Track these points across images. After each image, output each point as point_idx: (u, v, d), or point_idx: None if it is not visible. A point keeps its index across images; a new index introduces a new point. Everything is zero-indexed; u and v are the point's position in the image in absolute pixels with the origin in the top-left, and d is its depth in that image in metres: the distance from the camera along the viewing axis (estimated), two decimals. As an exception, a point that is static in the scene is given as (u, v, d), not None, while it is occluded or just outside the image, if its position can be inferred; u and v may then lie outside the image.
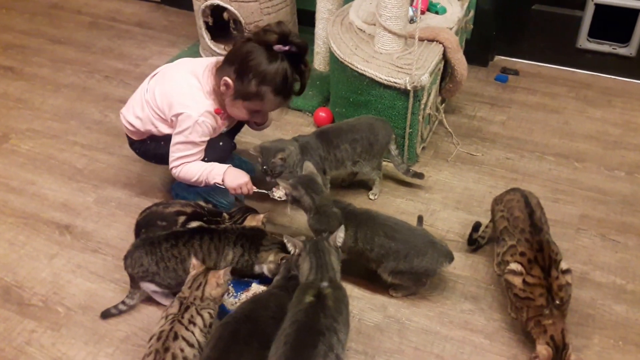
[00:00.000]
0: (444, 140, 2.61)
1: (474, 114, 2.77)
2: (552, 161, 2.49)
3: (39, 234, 2.17)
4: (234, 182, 2.00)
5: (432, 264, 1.87)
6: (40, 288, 1.98)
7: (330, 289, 1.56)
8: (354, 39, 2.47)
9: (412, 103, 2.28)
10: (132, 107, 2.08)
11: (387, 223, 1.90)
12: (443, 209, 2.27)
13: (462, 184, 2.39)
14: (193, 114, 1.94)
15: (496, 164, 2.48)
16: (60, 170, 2.45)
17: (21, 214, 2.25)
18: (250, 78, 1.91)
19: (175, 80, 2.03)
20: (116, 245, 2.10)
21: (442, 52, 2.44)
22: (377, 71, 2.28)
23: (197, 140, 1.98)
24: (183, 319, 1.64)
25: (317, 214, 1.91)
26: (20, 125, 2.69)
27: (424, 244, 1.87)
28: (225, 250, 1.86)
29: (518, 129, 2.67)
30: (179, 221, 1.96)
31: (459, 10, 2.64)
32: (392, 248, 1.85)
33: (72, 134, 2.64)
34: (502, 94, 2.90)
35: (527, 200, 1.90)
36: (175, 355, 1.56)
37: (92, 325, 1.86)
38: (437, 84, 2.47)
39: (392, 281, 1.91)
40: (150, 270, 1.83)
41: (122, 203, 2.29)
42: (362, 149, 2.20)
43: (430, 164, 2.48)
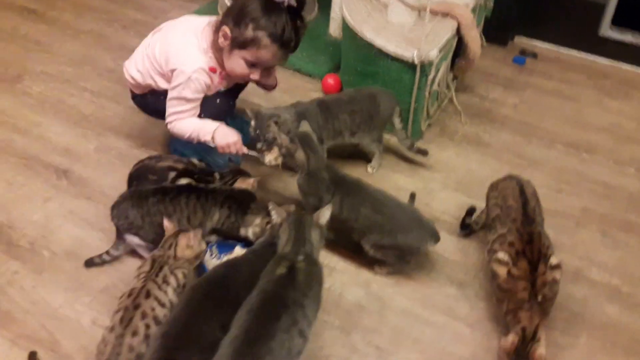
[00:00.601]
0: (452, 119, 2.37)
1: (486, 94, 2.51)
2: (560, 150, 2.24)
3: (38, 176, 2.03)
4: (223, 140, 1.83)
5: (416, 241, 1.69)
6: (30, 230, 1.84)
7: (304, 263, 1.38)
8: (367, 6, 2.23)
9: (418, 78, 2.05)
10: (134, 61, 1.92)
11: (376, 195, 1.72)
12: (442, 189, 2.06)
13: (465, 165, 2.16)
14: (186, 69, 1.78)
15: (503, 148, 2.24)
16: (67, 115, 2.29)
17: (23, 154, 2.11)
18: (247, 23, 1.74)
19: (174, 37, 1.86)
20: (110, 194, 1.91)
21: (456, 28, 2.19)
22: (386, 42, 2.05)
23: (190, 97, 1.81)
24: (157, 277, 1.49)
25: (308, 174, 1.74)
26: (35, 67, 2.52)
27: (410, 221, 1.69)
28: (212, 210, 1.70)
29: (530, 113, 2.42)
30: (169, 176, 1.80)
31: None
32: (377, 221, 1.67)
33: (84, 80, 2.46)
34: (518, 76, 2.63)
35: (523, 189, 1.69)
36: (145, 314, 1.41)
37: (74, 272, 1.72)
38: (448, 61, 2.23)
39: (374, 255, 1.73)
40: (135, 224, 1.68)
41: (121, 153, 2.12)
42: (361, 120, 2.00)
43: (435, 142, 2.26)
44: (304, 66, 2.54)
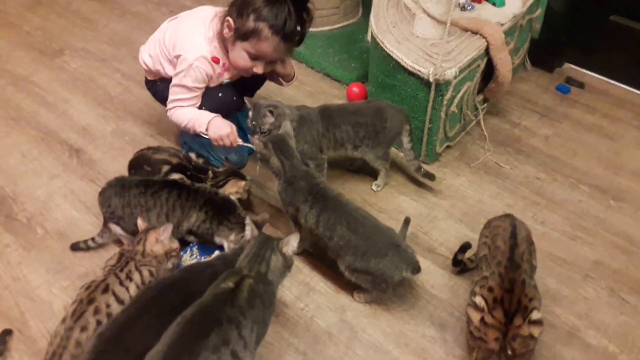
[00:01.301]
0: (475, 143, 2.12)
1: (518, 121, 2.23)
2: (585, 192, 1.95)
3: (51, 152, 2.00)
4: (216, 132, 1.71)
5: (390, 268, 1.49)
6: (30, 205, 1.81)
7: (253, 280, 1.24)
8: (396, 15, 2.02)
9: (433, 96, 1.84)
10: (148, 45, 1.84)
11: (354, 214, 1.53)
12: (445, 218, 1.84)
13: (476, 195, 1.92)
14: (189, 57, 1.67)
15: (522, 182, 1.98)
16: (94, 95, 2.25)
17: (44, 128, 2.09)
18: (249, 13, 1.61)
19: (184, 24, 1.76)
20: None
21: (485, 48, 1.94)
22: (405, 55, 1.84)
23: (190, 85, 1.70)
24: (121, 272, 1.40)
25: (286, 182, 1.58)
26: (77, 43, 2.50)
27: (386, 245, 1.49)
28: (191, 210, 1.59)
29: (561, 148, 2.12)
30: (162, 169, 1.70)
31: (519, 5, 2.08)
32: (351, 241, 1.49)
33: (119, 61, 2.41)
34: (558, 105, 2.32)
35: (515, 232, 1.46)
36: (99, 309, 1.33)
37: (60, 253, 1.67)
38: (474, 82, 1.98)
39: (349, 278, 1.55)
40: (117, 213, 1.60)
41: (135, 139, 2.05)
42: (365, 134, 1.81)
43: (450, 166, 2.03)
44: (334, 71, 2.36)
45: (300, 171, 1.58)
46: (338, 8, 2.48)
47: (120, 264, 1.43)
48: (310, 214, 1.54)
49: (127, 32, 2.59)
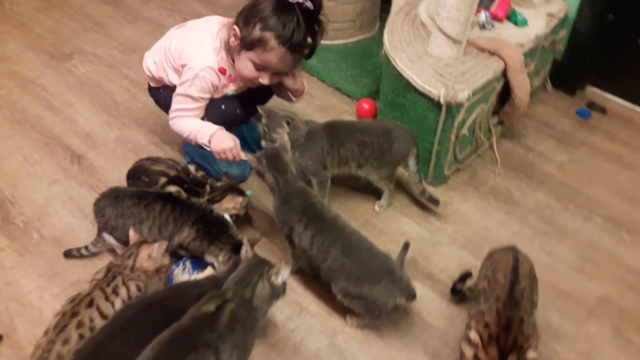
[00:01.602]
0: (486, 167, 2.14)
1: (534, 145, 2.24)
2: (598, 224, 1.95)
3: (53, 156, 2.07)
4: (219, 145, 1.75)
5: (383, 295, 1.51)
6: (28, 209, 1.89)
7: (235, 305, 1.27)
8: (411, 33, 2.06)
9: (443, 118, 1.86)
10: (153, 52, 1.90)
11: (349, 238, 1.55)
12: (448, 244, 1.86)
13: (482, 222, 1.94)
14: (195, 67, 1.72)
15: (532, 209, 1.99)
16: (100, 100, 2.33)
17: (47, 132, 2.17)
18: (255, 22, 1.65)
19: (192, 33, 1.81)
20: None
21: (502, 70, 1.96)
22: (416, 74, 1.87)
23: (195, 95, 1.75)
24: (108, 287, 1.45)
25: (281, 199, 1.61)
26: (87, 48, 2.59)
27: (380, 272, 1.51)
28: (183, 226, 1.63)
29: (576, 176, 2.13)
30: (160, 181, 1.76)
31: (542, 26, 2.11)
32: (344, 266, 1.52)
33: (128, 67, 2.49)
34: (577, 131, 2.32)
35: (517, 266, 1.47)
36: (82, 323, 1.38)
37: (54, 260, 1.74)
38: (489, 104, 2.00)
39: (342, 301, 1.58)
40: (110, 224, 1.66)
41: (138, 147, 2.12)
42: (370, 154, 1.84)
43: (458, 190, 2.05)
44: (345, 85, 2.41)
45: (295, 188, 1.61)
46: (354, 22, 2.53)
47: (108, 278, 1.48)
48: (304, 235, 1.57)
49: (138, 38, 2.68)
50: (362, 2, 2.48)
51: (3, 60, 2.49)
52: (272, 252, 1.80)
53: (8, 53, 2.53)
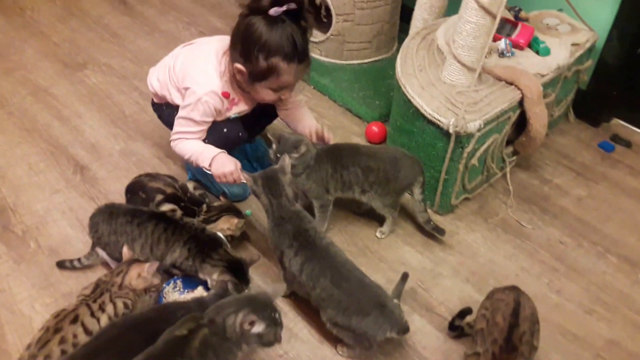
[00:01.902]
0: (498, 198, 2.14)
1: (551, 178, 2.24)
2: (612, 263, 1.93)
3: (57, 166, 2.16)
4: (220, 169, 1.80)
5: (372, 328, 1.52)
6: (28, 218, 1.97)
7: (209, 331, 1.30)
8: (426, 58, 2.09)
9: (452, 148, 1.88)
10: (158, 69, 1.96)
11: (340, 267, 1.58)
12: (451, 276, 1.87)
13: (489, 254, 1.94)
14: (198, 91, 1.77)
15: (543, 244, 1.98)
16: (109, 112, 2.42)
17: (54, 142, 2.26)
18: (256, 55, 1.69)
19: (197, 55, 1.86)
20: (113, 200, 2.00)
21: (519, 100, 1.98)
22: (426, 102, 1.89)
23: (198, 119, 1.81)
24: (94, 303, 1.51)
25: (274, 222, 1.65)
26: (101, 58, 2.70)
27: (370, 304, 1.53)
28: (175, 245, 1.68)
29: (593, 211, 2.11)
30: (156, 198, 1.82)
31: (566, 56, 2.10)
32: (333, 296, 1.54)
33: (139, 79, 2.57)
34: (598, 164, 2.31)
35: (518, 309, 1.46)
36: (65, 339, 1.43)
37: (48, 270, 1.81)
38: (502, 135, 2.01)
39: (331, 330, 1.60)
40: (103, 240, 1.73)
41: (141, 160, 2.20)
42: (375, 180, 1.87)
43: (465, 220, 2.06)
44: (356, 107, 2.45)
45: (288, 212, 1.64)
46: (370, 42, 2.58)
47: (95, 294, 1.53)
48: (294, 260, 1.60)
49: (153, 50, 2.78)
50: (380, 23, 2.53)
51: (19, 68, 2.61)
52: (267, 274, 1.83)
53: (24, 61, 2.66)
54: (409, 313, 1.75)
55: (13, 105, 2.41)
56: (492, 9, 1.79)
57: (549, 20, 2.30)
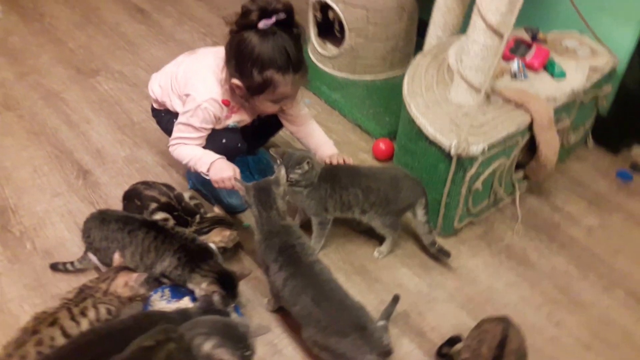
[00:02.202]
0: (504, 223, 2.16)
1: (562, 206, 2.24)
2: (618, 298, 1.92)
3: (61, 170, 2.26)
4: (217, 174, 1.86)
5: (351, 350, 1.55)
6: (27, 219, 2.07)
7: (175, 345, 1.34)
8: (435, 77, 2.13)
9: (453, 171, 1.91)
10: (160, 75, 2.05)
11: (323, 286, 1.62)
12: (446, 301, 1.88)
13: (489, 281, 1.95)
14: (198, 97, 1.85)
15: (548, 274, 1.98)
16: (117, 118, 2.53)
17: (60, 146, 2.37)
18: (250, 69, 1.76)
19: (200, 63, 1.94)
20: (111, 206, 2.09)
21: (529, 124, 2.00)
22: (429, 121, 1.93)
23: (197, 125, 1.88)
24: (76, 307, 1.57)
25: (262, 235, 1.70)
26: (114, 66, 2.82)
27: (349, 326, 1.55)
28: (165, 254, 1.74)
29: (604, 243, 2.10)
30: (150, 206, 1.90)
31: (582, 80, 2.12)
32: (312, 314, 1.59)
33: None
34: (614, 194, 2.30)
35: (504, 341, 1.46)
36: (41, 342, 1.48)
37: (41, 271, 1.89)
38: (511, 159, 2.03)
39: (311, 349, 1.64)
40: (95, 245, 1.80)
41: (145, 168, 2.29)
42: (375, 201, 1.91)
43: (468, 244, 2.07)
44: (365, 123, 2.50)
45: (277, 226, 1.69)
46: (384, 59, 2.64)
47: (78, 299, 1.60)
48: (277, 275, 1.65)
49: (166, 59, 2.74)
50: (395, 40, 2.60)
51: (33, 72, 2.75)
52: (258, 288, 1.88)
53: (39, 66, 2.80)
54: (399, 336, 1.78)
55: (24, 108, 2.54)
56: (501, 29, 1.83)
57: (568, 42, 2.33)
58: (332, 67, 2.73)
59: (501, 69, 2.17)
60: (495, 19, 1.81)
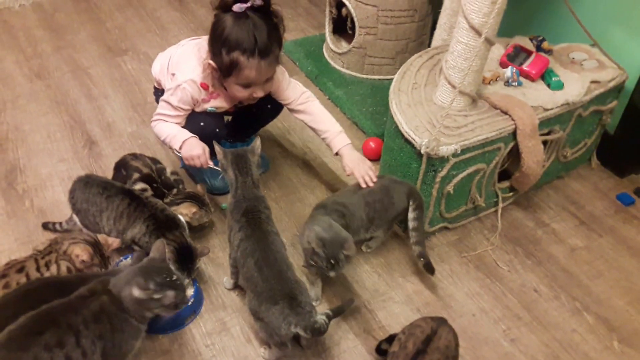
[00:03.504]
0: (481, 233, 2.09)
1: (549, 222, 2.14)
2: (587, 322, 1.82)
3: (71, 138, 2.40)
4: (188, 152, 1.92)
5: (277, 319, 1.54)
6: (31, 180, 2.20)
7: (107, 297, 1.40)
8: (426, 76, 2.10)
9: (424, 170, 1.87)
10: (162, 55, 2.11)
11: (269, 254, 1.64)
12: (402, 302, 1.85)
13: (450, 289, 1.90)
14: (179, 77, 1.92)
15: (514, 289, 1.91)
16: (132, 96, 2.64)
17: (76, 116, 2.51)
18: (220, 49, 1.81)
19: (195, 45, 1.99)
20: (108, 177, 2.13)
21: (513, 132, 1.93)
22: (405, 120, 1.90)
23: (174, 104, 1.94)
24: (42, 259, 1.68)
25: (234, 199, 1.75)
26: (142, 47, 2.94)
27: (280, 294, 1.56)
28: (136, 221, 1.82)
29: (585, 265, 1.99)
30: (133, 176, 1.98)
31: (579, 93, 2.02)
32: (252, 278, 1.62)
33: (170, 70, 2.77)
34: (609, 217, 2.17)
35: (431, 337, 1.45)
36: (9, 285, 1.60)
37: (32, 229, 2.02)
38: (491, 166, 1.96)
39: (254, 323, 1.66)
40: (77, 206, 1.90)
41: (146, 144, 2.38)
42: (374, 215, 1.87)
43: (438, 249, 2.03)
44: (362, 121, 2.49)
45: (250, 193, 1.75)
46: (393, 59, 2.61)
47: (45, 251, 1.70)
48: (236, 236, 1.70)
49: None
50: (405, 41, 2.56)
51: (69, 47, 2.92)
52: (220, 267, 1.92)
53: (75, 41, 2.96)
54: (345, 331, 1.77)
55: (53, 79, 2.70)
56: (482, 29, 1.78)
57: (576, 55, 2.22)
58: (341, 65, 2.73)
59: (495, 75, 2.10)
60: (478, 20, 1.77)
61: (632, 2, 2.14)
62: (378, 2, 2.45)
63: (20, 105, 2.55)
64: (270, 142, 2.43)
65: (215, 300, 1.84)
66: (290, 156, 2.39)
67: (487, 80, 2.08)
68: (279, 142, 2.44)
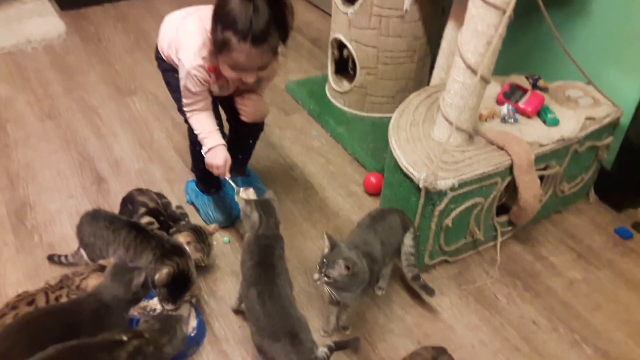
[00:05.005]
0: (481, 266, 2.15)
1: (547, 255, 2.20)
2: (585, 354, 1.85)
3: (80, 175, 2.50)
4: (211, 159, 2.00)
5: (279, 355, 1.59)
6: (41, 216, 2.29)
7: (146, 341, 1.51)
8: (423, 114, 2.19)
9: (422, 204, 1.95)
10: (170, 18, 2.08)
11: (273, 288, 1.68)
12: (401, 335, 1.89)
13: (450, 321, 1.95)
14: (186, 64, 1.90)
15: (513, 322, 1.95)
16: (140, 135, 2.75)
17: (86, 154, 2.62)
18: (216, 24, 1.76)
19: (194, 24, 1.91)
20: (115, 212, 2.26)
21: (510, 167, 2.01)
22: (404, 154, 1.99)
23: (193, 90, 1.94)
24: (53, 293, 1.77)
25: (254, 236, 1.80)
26: (151, 88, 3.06)
27: (282, 330, 1.60)
28: (144, 252, 1.87)
29: (583, 297, 2.04)
30: (140, 211, 2.06)
31: (574, 129, 2.10)
32: (254, 311, 1.66)
33: (176, 111, 2.66)
34: (607, 250, 2.23)
35: None
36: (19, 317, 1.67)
37: (40, 262, 2.09)
38: (488, 200, 2.03)
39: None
40: (84, 240, 1.97)
41: (152, 180, 2.47)
42: (384, 250, 1.87)
43: (438, 282, 2.07)
44: (363, 157, 2.58)
45: (272, 232, 1.82)
46: (393, 97, 2.72)
47: (56, 286, 1.79)
48: (245, 266, 1.76)
49: None
50: (404, 80, 2.67)
51: (79, 88, 3.05)
52: (222, 298, 1.98)
53: (85, 83, 3.10)
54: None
55: (63, 119, 2.83)
56: (478, 68, 1.88)
57: (571, 92, 2.31)
58: (343, 103, 2.85)
59: (492, 112, 2.20)
60: (474, 59, 1.88)
61: (624, 42, 2.25)
62: (378, 43, 2.57)
63: (32, 144, 2.67)
64: (272, 177, 2.52)
65: (217, 332, 1.89)
66: (292, 191, 2.47)
67: (484, 117, 2.18)
68: (281, 178, 2.52)
